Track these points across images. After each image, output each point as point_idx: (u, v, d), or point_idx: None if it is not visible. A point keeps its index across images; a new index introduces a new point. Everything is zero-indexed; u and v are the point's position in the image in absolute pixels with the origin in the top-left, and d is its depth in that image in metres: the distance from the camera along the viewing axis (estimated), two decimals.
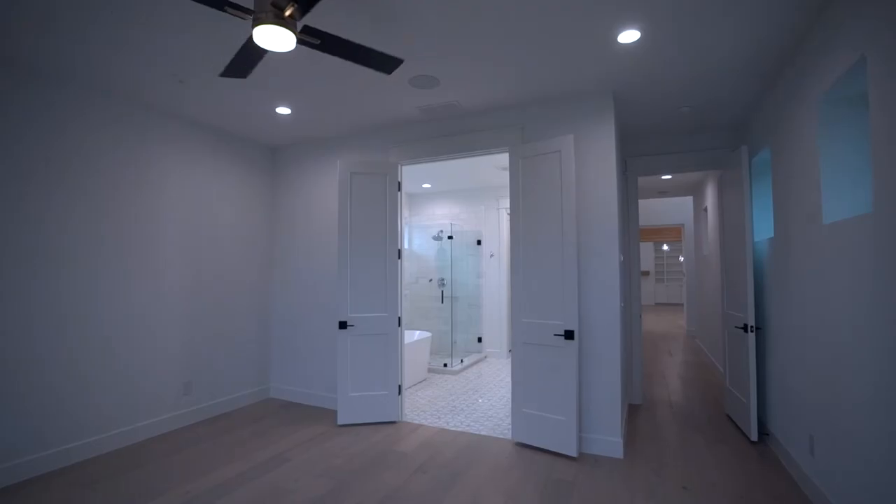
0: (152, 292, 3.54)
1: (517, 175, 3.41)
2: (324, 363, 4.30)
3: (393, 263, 3.85)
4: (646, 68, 2.88)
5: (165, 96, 3.32)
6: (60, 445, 2.96)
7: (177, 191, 3.75)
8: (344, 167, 3.81)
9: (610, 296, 3.17)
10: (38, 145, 2.89)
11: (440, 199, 7.12)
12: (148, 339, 3.51)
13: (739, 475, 2.82)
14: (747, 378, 3.34)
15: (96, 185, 3.20)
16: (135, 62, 2.79)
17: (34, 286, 2.86)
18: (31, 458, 2.82)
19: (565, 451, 3.08)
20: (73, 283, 3.06)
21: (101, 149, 3.23)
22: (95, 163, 3.20)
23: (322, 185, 4.40)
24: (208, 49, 2.63)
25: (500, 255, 6.58)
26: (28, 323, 2.83)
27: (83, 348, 3.10)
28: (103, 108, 3.24)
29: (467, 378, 5.43)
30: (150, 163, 3.55)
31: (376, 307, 3.81)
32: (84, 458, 3.07)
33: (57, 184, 2.98)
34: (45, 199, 2.93)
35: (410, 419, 3.93)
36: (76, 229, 3.08)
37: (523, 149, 3.37)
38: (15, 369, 2.76)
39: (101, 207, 3.22)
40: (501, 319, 6.54)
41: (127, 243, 3.38)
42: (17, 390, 2.77)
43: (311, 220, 4.45)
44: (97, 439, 3.14)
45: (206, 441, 3.42)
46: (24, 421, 2.79)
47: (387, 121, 3.89)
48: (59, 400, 2.96)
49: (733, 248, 3.72)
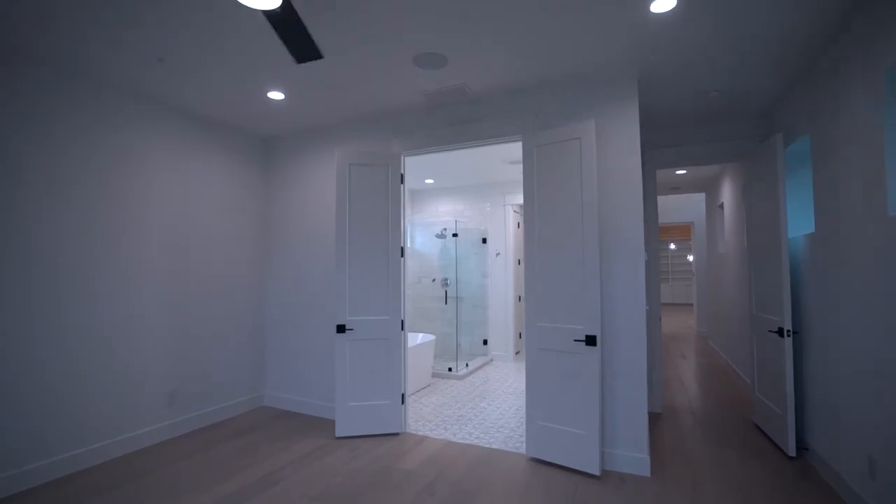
0: (135, 293, 3.25)
1: (531, 166, 3.12)
2: (321, 369, 4.01)
3: (395, 262, 3.56)
4: (677, 45, 2.59)
5: (143, 79, 3.03)
6: (22, 466, 2.67)
7: (162, 186, 3.45)
8: (342, 157, 3.52)
9: (635, 297, 2.88)
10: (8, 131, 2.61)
11: (444, 195, 6.83)
12: (128, 344, 3.22)
13: (781, 497, 2.54)
14: (782, 387, 3.06)
15: (64, 175, 2.91)
16: (107, 38, 2.50)
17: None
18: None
19: (586, 468, 2.79)
20: (41, 285, 2.76)
21: (70, 137, 2.94)
22: (63, 153, 2.91)
23: (319, 179, 4.11)
24: (190, 19, 2.34)
25: (506, 253, 6.29)
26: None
27: (53, 354, 2.81)
28: (69, 93, 2.95)
29: (473, 383, 5.15)
30: (127, 153, 3.25)
31: (377, 309, 3.52)
32: (49, 479, 2.78)
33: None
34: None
35: (414, 430, 3.64)
36: (40, 232, 2.79)
37: (539, 136, 3.09)
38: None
39: (69, 195, 2.93)
40: (508, 321, 6.25)
41: (103, 241, 3.09)
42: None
43: (308, 216, 4.16)
44: (68, 457, 2.85)
45: (191, 457, 3.12)
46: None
47: (389, 108, 3.59)
48: (25, 413, 2.67)
49: (763, 245, 3.43)
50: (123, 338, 3.18)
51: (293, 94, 3.32)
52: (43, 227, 2.78)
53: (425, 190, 6.95)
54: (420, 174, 5.96)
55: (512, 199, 6.29)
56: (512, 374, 5.59)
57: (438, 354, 6.36)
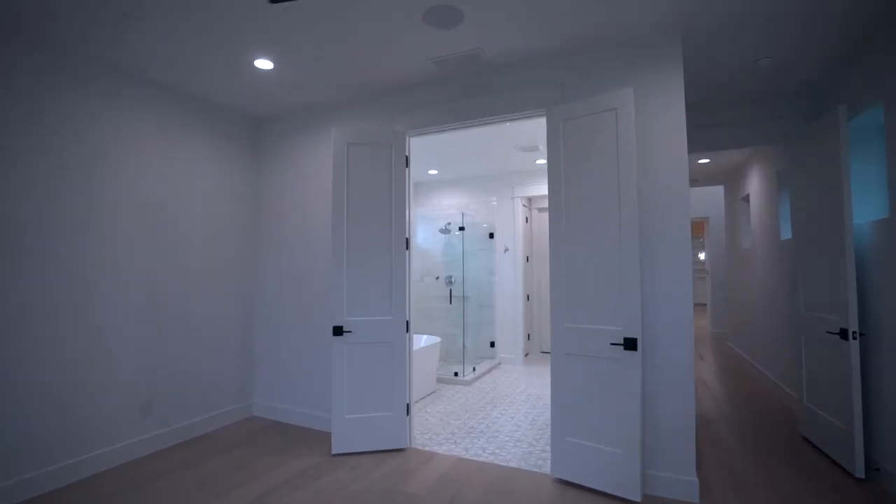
0: (103, 295, 2.84)
1: (557, 144, 2.72)
2: (316, 376, 3.60)
3: (400, 255, 3.15)
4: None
5: (105, 43, 2.62)
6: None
7: (136, 173, 3.04)
8: (339, 136, 3.11)
9: (680, 295, 2.48)
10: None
11: (448, 187, 6.42)
12: (98, 351, 2.80)
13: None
14: (846, 397, 2.66)
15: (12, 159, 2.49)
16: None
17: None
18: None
19: (624, 493, 2.39)
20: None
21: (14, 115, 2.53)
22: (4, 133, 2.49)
23: (318, 164, 3.69)
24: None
25: (515, 249, 5.89)
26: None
27: (11, 361, 2.39)
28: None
29: (482, 389, 4.74)
30: (91, 136, 2.84)
31: (379, 309, 3.11)
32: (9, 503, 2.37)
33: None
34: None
35: (421, 444, 3.23)
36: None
37: (566, 109, 2.68)
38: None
39: (24, 183, 2.52)
40: (517, 321, 5.85)
41: (65, 233, 2.67)
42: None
43: (305, 207, 3.75)
44: (33, 477, 2.44)
45: (172, 475, 2.71)
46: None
47: (393, 81, 3.19)
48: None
49: (817, 236, 3.04)
50: (91, 347, 2.76)
51: (283, 64, 2.90)
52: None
53: (428, 182, 6.54)
54: (423, 164, 5.56)
55: (521, 192, 5.89)
56: (522, 378, 5.19)
57: (443, 357, 5.95)
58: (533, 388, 4.74)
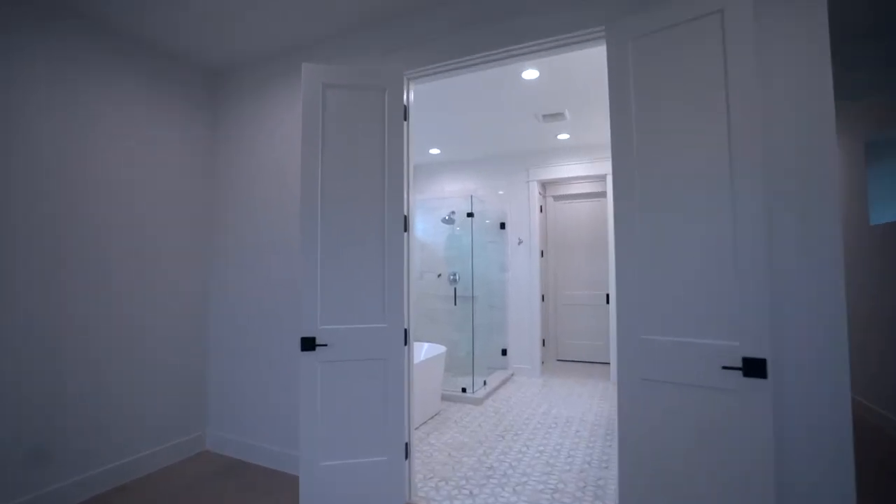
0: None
1: (625, 73, 1.87)
2: (286, 401, 2.74)
3: (396, 240, 2.29)
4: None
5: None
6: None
7: (45, 134, 2.17)
8: (313, 76, 2.25)
9: (829, 295, 1.64)
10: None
11: (451, 169, 5.57)
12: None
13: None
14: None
15: None
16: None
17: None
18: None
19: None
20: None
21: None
22: None
23: (289, 126, 2.84)
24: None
25: (530, 241, 5.04)
26: None
27: None
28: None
29: (496, 409, 3.89)
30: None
31: (367, 314, 2.25)
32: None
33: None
34: None
35: (425, 496, 2.38)
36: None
37: (637, 21, 1.83)
38: None
39: None
40: (533, 325, 5.00)
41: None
42: None
43: (272, 183, 2.89)
44: None
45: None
46: None
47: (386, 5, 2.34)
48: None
49: None
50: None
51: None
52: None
53: (429, 164, 5.69)
54: (423, 142, 4.71)
55: (536, 175, 5.04)
56: (541, 394, 4.34)
57: (447, 367, 5.08)
58: (557, 409, 3.89)
